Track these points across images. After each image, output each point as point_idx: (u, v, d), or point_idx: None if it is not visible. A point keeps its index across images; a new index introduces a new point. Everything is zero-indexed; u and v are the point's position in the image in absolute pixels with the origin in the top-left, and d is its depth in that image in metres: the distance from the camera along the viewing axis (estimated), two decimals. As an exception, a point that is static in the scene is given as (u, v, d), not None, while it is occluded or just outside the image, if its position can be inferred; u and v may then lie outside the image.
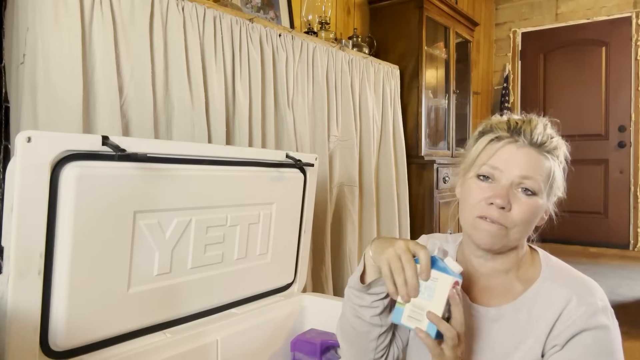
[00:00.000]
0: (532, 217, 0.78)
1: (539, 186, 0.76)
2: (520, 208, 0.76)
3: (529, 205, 0.76)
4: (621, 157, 4.04)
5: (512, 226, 0.77)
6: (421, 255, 0.71)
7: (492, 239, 0.78)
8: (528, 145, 0.77)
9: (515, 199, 0.76)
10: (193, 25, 1.57)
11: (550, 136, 0.79)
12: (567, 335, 0.74)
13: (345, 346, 0.89)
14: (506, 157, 0.78)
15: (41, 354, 0.92)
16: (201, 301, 1.23)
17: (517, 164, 0.76)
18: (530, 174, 0.76)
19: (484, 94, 4.52)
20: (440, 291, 0.70)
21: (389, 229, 2.64)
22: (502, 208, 0.76)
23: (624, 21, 4.04)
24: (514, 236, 0.78)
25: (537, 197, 0.77)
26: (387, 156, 2.64)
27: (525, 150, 0.77)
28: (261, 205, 1.35)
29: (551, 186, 0.79)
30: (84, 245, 0.94)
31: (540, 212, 0.79)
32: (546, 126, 0.80)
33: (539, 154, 0.77)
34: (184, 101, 1.51)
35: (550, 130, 0.80)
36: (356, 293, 0.81)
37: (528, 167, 0.76)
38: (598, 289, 0.79)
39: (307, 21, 2.48)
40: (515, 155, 0.77)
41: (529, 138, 0.77)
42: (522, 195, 0.76)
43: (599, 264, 3.59)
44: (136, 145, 0.99)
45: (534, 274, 0.82)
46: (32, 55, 1.19)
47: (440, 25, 3.22)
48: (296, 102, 2.01)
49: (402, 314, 0.72)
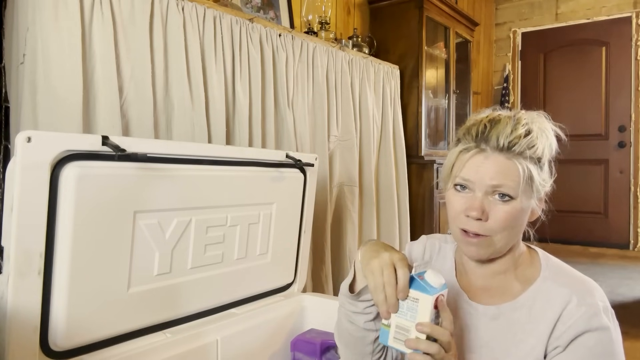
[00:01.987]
0: (513, 222, 0.76)
1: (514, 191, 0.74)
2: (498, 215, 0.75)
3: (507, 212, 0.75)
4: (621, 157, 4.04)
5: (494, 234, 0.76)
6: (399, 274, 0.71)
7: (478, 252, 0.79)
8: (496, 151, 0.75)
9: (492, 206, 0.75)
10: (193, 25, 1.57)
11: (520, 136, 0.74)
12: (568, 336, 0.74)
13: (343, 349, 0.90)
14: (475, 167, 0.76)
15: (41, 354, 0.92)
16: (201, 301, 1.23)
17: (486, 174, 0.75)
18: (501, 181, 0.74)
19: (484, 94, 4.52)
20: (423, 311, 0.69)
21: (389, 229, 2.65)
22: (479, 219, 0.75)
23: (624, 21, 4.04)
24: (500, 243, 0.77)
25: (514, 200, 0.75)
26: (387, 156, 2.64)
27: (493, 158, 0.75)
28: (261, 205, 1.35)
29: (531, 186, 0.76)
30: (84, 245, 0.94)
31: (522, 214, 0.77)
32: (517, 125, 0.75)
33: (507, 159, 0.74)
34: (184, 101, 1.51)
35: (523, 127, 0.75)
36: (348, 300, 0.82)
37: (498, 176, 0.74)
38: (598, 289, 0.79)
39: (307, 21, 2.48)
40: (483, 165, 0.75)
41: (495, 144, 0.75)
42: (499, 202, 0.75)
43: (599, 264, 3.59)
44: (136, 145, 0.99)
45: (534, 274, 0.82)
46: (32, 55, 1.19)
47: (440, 25, 3.22)
48: (296, 102, 2.01)
49: (388, 335, 0.72)
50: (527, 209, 0.78)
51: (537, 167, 0.76)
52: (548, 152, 0.78)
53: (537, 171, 0.76)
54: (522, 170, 0.74)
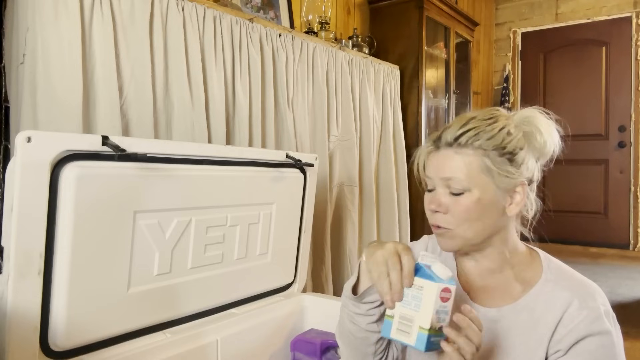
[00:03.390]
0: (472, 214, 0.77)
1: (465, 182, 0.76)
2: (455, 208, 0.78)
3: (462, 204, 0.77)
4: (621, 157, 4.04)
5: (456, 226, 0.79)
6: (404, 260, 0.71)
7: (446, 243, 0.82)
8: (446, 147, 0.79)
9: (450, 199, 0.78)
10: (193, 25, 1.57)
11: (466, 130, 0.77)
12: (570, 340, 0.74)
13: (344, 349, 0.89)
14: (432, 165, 0.81)
15: (41, 354, 0.92)
16: (201, 301, 1.23)
17: (438, 168, 0.80)
18: (449, 174, 0.78)
19: (484, 94, 4.52)
20: (427, 300, 0.68)
21: (389, 229, 2.65)
22: (438, 212, 0.79)
23: (624, 21, 4.04)
24: (466, 234, 0.79)
25: (468, 193, 0.77)
26: (387, 156, 2.64)
27: (443, 153, 0.80)
28: (261, 205, 1.35)
29: (490, 177, 0.76)
30: (84, 245, 0.93)
31: (483, 206, 0.77)
32: (469, 121, 0.79)
33: (455, 152, 0.78)
34: (184, 101, 1.51)
35: (474, 123, 0.78)
36: (351, 302, 0.81)
37: (446, 169, 0.78)
38: (599, 292, 0.78)
39: (307, 21, 2.48)
40: (436, 160, 0.80)
41: (445, 141, 0.79)
42: (454, 196, 0.78)
43: (599, 264, 3.59)
44: (136, 145, 0.99)
45: (535, 276, 0.82)
46: (32, 55, 1.19)
47: (440, 25, 3.22)
48: (296, 102, 2.01)
49: (391, 327, 0.71)
50: (490, 200, 0.78)
51: (497, 158, 0.76)
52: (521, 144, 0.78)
53: (494, 162, 0.76)
54: (471, 161, 0.76)
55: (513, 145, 0.77)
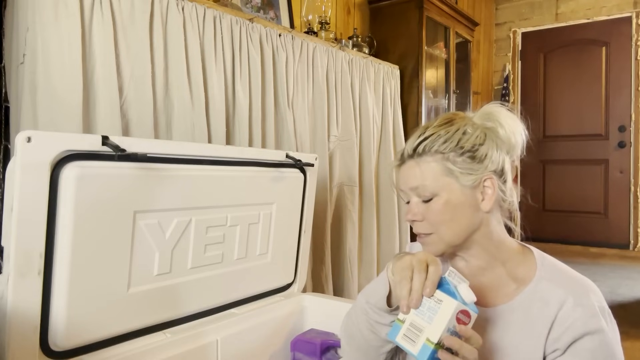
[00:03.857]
0: (445, 216, 0.80)
1: (430, 189, 0.80)
2: (428, 214, 0.81)
3: (434, 209, 0.80)
4: (621, 157, 4.04)
5: (435, 230, 0.81)
6: (430, 269, 0.71)
7: (431, 249, 0.83)
8: (408, 159, 0.84)
9: (423, 207, 0.82)
10: (193, 25, 1.57)
11: (422, 139, 0.81)
12: (567, 339, 0.74)
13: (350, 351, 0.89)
14: (400, 178, 0.86)
15: (41, 354, 0.92)
16: (201, 301, 1.23)
17: (405, 180, 0.84)
18: (415, 183, 0.81)
19: (484, 94, 4.52)
20: (443, 315, 0.66)
21: (389, 229, 2.65)
22: (416, 221, 0.83)
23: (624, 21, 4.04)
24: (446, 236, 0.81)
25: (436, 197, 0.80)
26: (387, 156, 2.64)
27: (407, 165, 0.84)
28: (261, 205, 1.35)
29: (453, 177, 0.79)
30: (84, 245, 0.94)
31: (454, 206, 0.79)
32: (425, 131, 0.83)
33: (415, 162, 0.82)
34: (184, 101, 1.51)
35: (430, 130, 0.82)
36: (376, 311, 0.80)
37: (410, 179, 0.82)
38: (594, 289, 0.78)
39: (307, 21, 2.48)
40: (402, 173, 0.85)
41: (407, 153, 0.84)
42: (425, 203, 0.81)
43: (599, 264, 3.59)
44: (136, 145, 0.99)
45: (529, 274, 0.82)
46: (32, 55, 1.19)
47: (440, 25, 3.22)
48: (296, 102, 2.01)
49: (399, 331, 0.70)
50: (460, 200, 0.80)
51: (458, 158, 0.79)
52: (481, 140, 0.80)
53: (454, 162, 0.79)
54: (432, 167, 0.80)
55: (471, 142, 0.80)
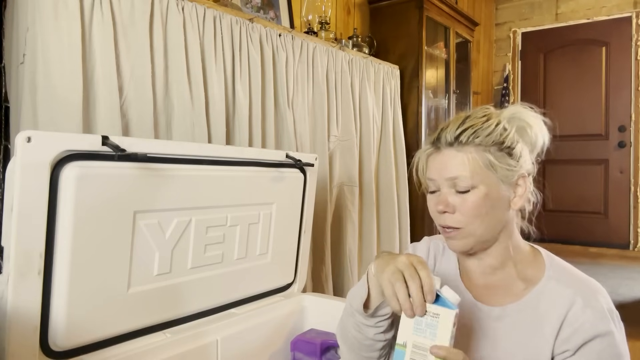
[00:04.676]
0: (482, 210, 0.78)
1: (471, 180, 0.77)
2: (463, 207, 0.79)
3: (471, 202, 0.78)
4: (621, 157, 4.04)
5: (466, 225, 0.79)
6: (422, 275, 0.67)
7: (458, 244, 0.82)
8: (447, 147, 0.80)
9: (457, 198, 0.79)
10: (193, 25, 1.57)
11: (467, 127, 0.79)
12: (577, 341, 0.74)
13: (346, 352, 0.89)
14: (434, 166, 0.82)
15: (41, 354, 0.92)
16: (201, 301, 1.23)
17: (442, 169, 0.80)
18: (454, 173, 0.79)
19: (484, 94, 4.52)
20: (443, 328, 0.65)
21: (389, 229, 2.65)
22: (446, 212, 0.80)
23: (624, 21, 4.04)
24: (477, 232, 0.79)
25: (476, 189, 0.78)
26: (387, 156, 2.64)
27: (445, 153, 0.80)
28: (261, 205, 1.35)
29: (494, 172, 0.78)
30: (84, 245, 0.93)
31: (491, 201, 0.78)
32: (465, 120, 0.80)
33: (457, 151, 0.79)
34: (184, 101, 1.51)
35: (470, 121, 0.80)
36: (360, 313, 0.79)
37: (450, 168, 0.79)
38: (602, 290, 0.79)
39: (307, 21, 2.48)
40: (438, 161, 0.81)
41: (445, 141, 0.80)
42: (461, 193, 0.79)
43: (599, 264, 3.59)
44: (136, 145, 0.99)
45: (538, 274, 0.82)
46: (32, 55, 1.19)
47: (440, 25, 3.22)
48: (296, 102, 2.01)
49: (404, 357, 0.67)
50: (497, 195, 0.79)
51: (498, 153, 0.78)
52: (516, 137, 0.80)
53: (495, 157, 0.78)
54: (475, 158, 0.78)
55: (510, 139, 0.79)
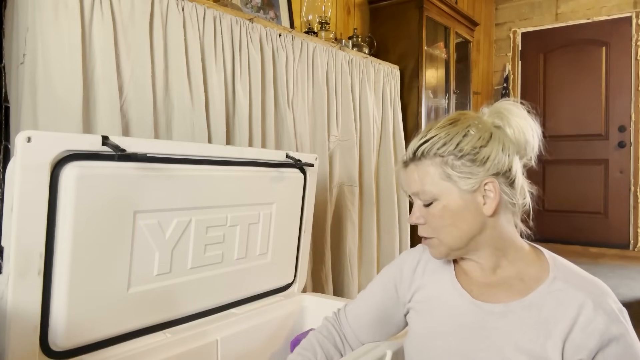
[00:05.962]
0: (444, 221, 0.81)
1: (431, 193, 0.81)
2: (429, 218, 0.83)
3: (433, 214, 0.82)
4: (621, 157, 4.04)
5: (437, 233, 0.83)
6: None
7: (434, 252, 0.86)
8: (409, 162, 0.85)
9: (424, 211, 0.84)
10: (193, 25, 1.57)
11: (421, 143, 0.81)
12: (591, 346, 0.73)
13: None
14: (402, 182, 0.88)
15: (41, 354, 0.92)
16: (201, 301, 1.23)
17: (406, 185, 0.86)
18: (413, 189, 0.84)
19: (484, 94, 4.52)
20: None
21: (389, 229, 2.65)
22: (419, 224, 0.85)
23: (624, 21, 4.04)
24: (445, 240, 0.82)
25: (436, 202, 0.81)
26: (387, 156, 2.64)
27: (408, 169, 0.85)
28: (261, 205, 1.35)
29: (452, 180, 0.79)
30: (84, 245, 0.94)
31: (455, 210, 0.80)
32: (427, 133, 0.82)
33: (415, 166, 0.83)
34: (184, 101, 1.51)
35: (431, 132, 0.81)
36: None
37: (412, 184, 0.84)
38: (609, 291, 0.78)
39: (307, 21, 2.48)
40: (403, 177, 0.87)
41: (408, 157, 0.85)
42: (425, 207, 0.83)
43: (599, 264, 3.59)
44: (136, 145, 0.99)
45: (541, 273, 0.81)
46: (32, 55, 1.19)
47: (440, 25, 3.22)
48: (296, 102, 2.01)
49: None
50: (458, 204, 0.80)
51: (456, 161, 0.79)
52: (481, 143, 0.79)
53: (453, 166, 0.79)
54: (432, 171, 0.80)
55: (471, 145, 0.79)
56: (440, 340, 0.86)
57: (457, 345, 0.83)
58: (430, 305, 0.90)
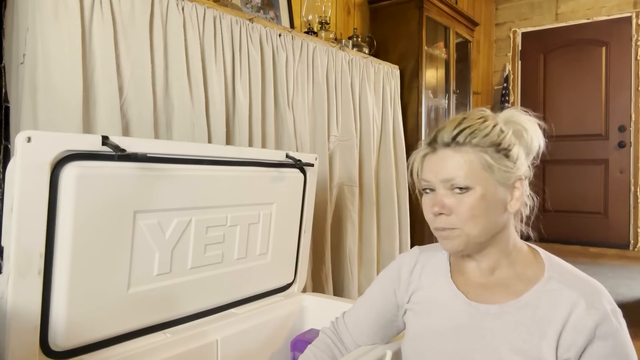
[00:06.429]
0: (477, 211, 0.78)
1: (468, 180, 0.77)
2: (460, 208, 0.78)
3: (467, 203, 0.78)
4: (621, 157, 4.04)
5: (462, 225, 0.79)
6: None
7: (452, 244, 0.82)
8: (443, 147, 0.80)
9: (453, 199, 0.79)
10: (193, 25, 1.57)
11: (464, 128, 0.78)
12: (581, 343, 0.73)
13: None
14: (430, 167, 0.82)
15: (41, 354, 0.92)
16: (201, 301, 1.23)
17: (438, 170, 0.80)
18: (451, 174, 0.78)
19: (484, 94, 4.52)
20: None
21: (389, 229, 2.65)
22: (442, 214, 0.80)
23: (624, 21, 4.04)
24: (472, 233, 0.79)
25: (472, 190, 0.78)
26: (387, 156, 2.64)
27: (441, 154, 0.80)
28: (261, 205, 1.35)
29: (490, 173, 0.78)
30: (84, 245, 0.94)
31: (487, 202, 0.78)
32: (462, 121, 0.80)
33: (454, 151, 0.79)
34: (184, 101, 1.51)
35: (467, 122, 0.79)
36: None
37: (447, 169, 0.79)
38: (604, 291, 0.78)
39: (307, 21, 2.48)
40: (434, 162, 0.81)
41: (441, 141, 0.80)
42: (457, 195, 0.78)
43: (599, 264, 3.59)
44: (136, 145, 0.99)
45: (537, 273, 0.82)
46: (32, 55, 1.19)
47: (440, 25, 3.22)
48: (296, 102, 2.01)
49: None
50: (493, 196, 0.79)
51: (495, 154, 0.78)
52: (513, 140, 0.80)
53: (493, 157, 0.78)
54: (471, 159, 0.78)
55: (507, 141, 0.79)
56: (436, 341, 0.86)
57: (452, 347, 0.83)
58: (427, 306, 0.90)
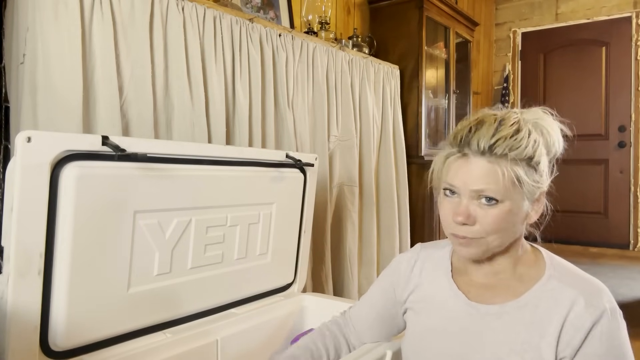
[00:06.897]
0: (502, 224, 0.75)
1: (498, 194, 0.74)
2: (485, 219, 0.75)
3: (494, 215, 0.75)
4: (621, 157, 4.04)
5: (488, 234, 0.76)
6: None
7: (470, 252, 0.79)
8: (477, 155, 0.75)
9: (479, 210, 0.75)
10: (193, 25, 1.57)
11: (503, 138, 0.73)
12: (578, 341, 0.73)
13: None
14: (459, 173, 0.77)
15: (41, 354, 0.92)
16: (201, 301, 1.23)
17: (469, 179, 0.75)
18: (484, 186, 0.74)
19: (484, 94, 4.52)
20: None
21: (389, 229, 2.65)
22: (466, 224, 0.76)
23: (624, 21, 4.04)
24: (493, 243, 0.77)
25: (501, 203, 0.74)
26: (387, 156, 2.64)
27: (474, 162, 0.75)
28: (261, 205, 1.35)
29: (520, 187, 0.74)
30: (84, 245, 0.94)
31: (512, 216, 0.76)
32: (501, 126, 0.75)
33: (489, 162, 0.74)
34: (184, 101, 1.51)
35: (509, 128, 0.74)
36: None
37: (480, 180, 0.74)
38: (605, 289, 0.78)
39: (307, 21, 2.48)
40: (465, 170, 0.76)
41: (477, 148, 0.75)
42: (485, 206, 0.75)
43: (599, 264, 3.59)
44: (136, 145, 0.99)
45: (538, 273, 0.82)
46: (32, 55, 1.19)
47: (440, 25, 3.22)
48: (296, 102, 2.01)
49: None
50: (518, 210, 0.77)
51: (527, 168, 0.75)
52: (544, 151, 0.77)
53: (525, 172, 0.74)
54: (504, 173, 0.73)
55: (539, 154, 0.76)
56: (435, 341, 0.86)
57: (452, 347, 0.83)
58: (427, 305, 0.90)
